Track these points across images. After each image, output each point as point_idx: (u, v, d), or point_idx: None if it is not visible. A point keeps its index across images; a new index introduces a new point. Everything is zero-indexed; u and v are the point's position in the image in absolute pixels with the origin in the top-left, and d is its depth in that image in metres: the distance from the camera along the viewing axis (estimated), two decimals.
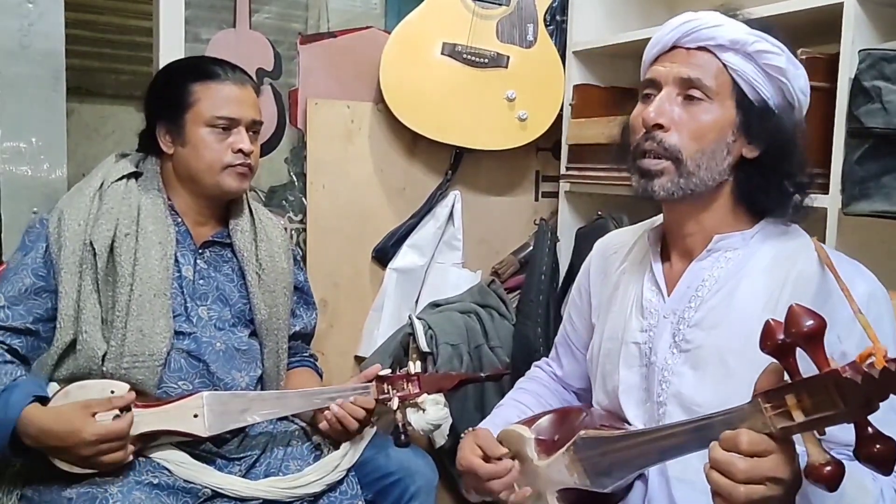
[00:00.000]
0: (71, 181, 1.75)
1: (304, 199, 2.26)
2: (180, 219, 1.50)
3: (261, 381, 1.52)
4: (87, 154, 2.45)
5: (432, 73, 2.17)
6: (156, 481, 1.32)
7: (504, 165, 2.37)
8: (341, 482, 1.45)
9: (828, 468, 0.78)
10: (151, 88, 1.54)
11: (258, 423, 1.47)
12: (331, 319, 2.18)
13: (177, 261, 1.46)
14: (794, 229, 1.17)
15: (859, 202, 1.45)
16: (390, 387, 1.48)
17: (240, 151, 1.46)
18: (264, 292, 1.52)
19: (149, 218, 1.43)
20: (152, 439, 1.36)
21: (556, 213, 2.35)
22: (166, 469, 1.34)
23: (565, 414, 1.29)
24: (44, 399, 1.30)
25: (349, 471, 1.47)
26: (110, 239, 1.39)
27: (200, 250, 1.51)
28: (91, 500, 1.27)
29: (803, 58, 1.54)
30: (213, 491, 1.35)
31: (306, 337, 1.71)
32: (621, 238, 1.36)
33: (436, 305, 2.20)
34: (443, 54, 2.16)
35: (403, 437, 1.48)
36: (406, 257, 2.23)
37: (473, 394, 2.06)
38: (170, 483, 1.33)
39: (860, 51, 1.46)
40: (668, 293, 1.19)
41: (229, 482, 1.37)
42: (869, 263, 1.12)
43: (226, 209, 1.55)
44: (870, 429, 0.76)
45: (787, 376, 0.82)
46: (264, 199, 2.28)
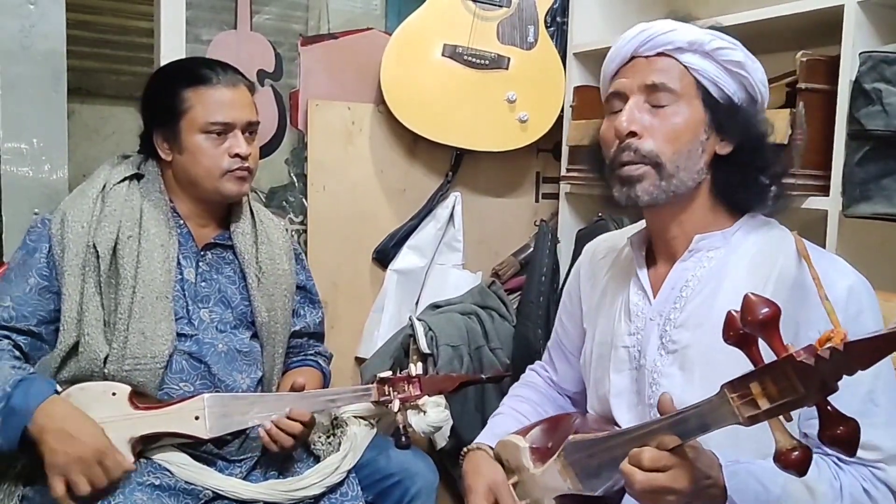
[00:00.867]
0: (72, 182, 1.75)
1: (304, 200, 2.26)
2: (182, 221, 1.49)
3: (261, 383, 1.52)
4: (88, 155, 2.45)
5: (433, 75, 2.17)
6: (157, 483, 1.32)
7: (504, 167, 2.37)
8: (341, 484, 1.45)
9: (795, 453, 0.80)
10: (145, 95, 1.54)
11: (259, 426, 1.47)
12: (331, 321, 2.18)
13: (179, 263, 1.46)
14: (774, 224, 1.18)
15: (860, 204, 1.45)
16: (391, 389, 1.48)
17: (237, 156, 1.45)
18: (263, 295, 1.52)
19: (151, 220, 1.43)
20: (153, 441, 1.36)
21: (556, 215, 2.36)
22: (167, 470, 1.34)
23: (558, 421, 1.30)
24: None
25: (349, 472, 1.47)
26: (113, 241, 1.39)
27: (202, 252, 1.50)
28: (91, 502, 1.27)
29: (804, 60, 1.55)
30: (213, 493, 1.35)
31: (313, 335, 1.70)
32: (609, 243, 1.37)
33: (436, 307, 2.20)
34: (443, 56, 2.17)
35: (404, 438, 1.49)
36: (406, 258, 2.23)
37: (474, 395, 2.06)
38: (171, 484, 1.33)
39: (861, 53, 1.46)
40: (654, 296, 1.19)
41: (230, 484, 1.37)
42: (869, 265, 1.12)
43: (227, 211, 1.55)
44: (830, 408, 0.77)
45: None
46: (265, 200, 2.29)
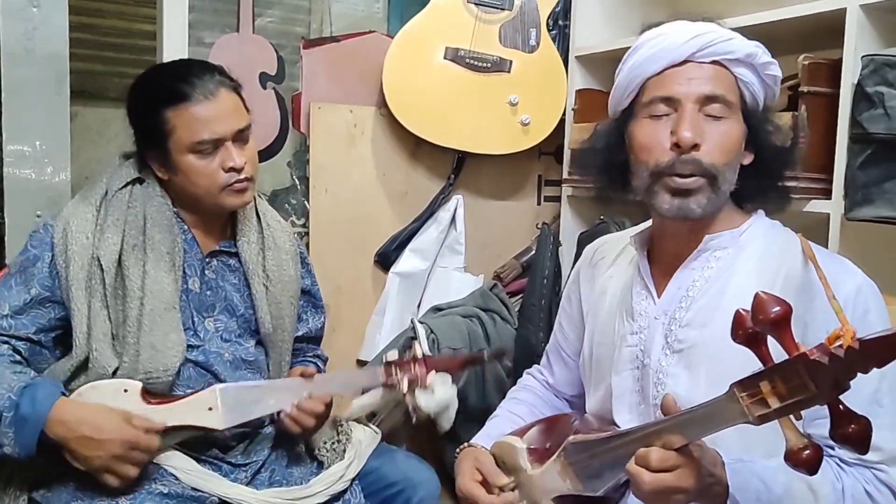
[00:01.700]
0: (74, 185, 1.76)
1: (306, 202, 2.26)
2: (187, 227, 1.46)
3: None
4: (91, 157, 2.45)
5: (435, 78, 2.17)
6: (165, 490, 1.31)
7: (506, 170, 2.37)
8: (345, 491, 1.45)
9: (806, 452, 0.80)
10: (129, 115, 1.46)
11: (264, 430, 1.47)
12: (333, 323, 2.18)
13: (184, 273, 1.43)
14: (780, 226, 1.18)
15: (862, 207, 1.45)
16: (398, 370, 1.47)
17: (231, 169, 1.39)
18: (271, 304, 1.50)
19: (155, 227, 1.40)
20: (169, 437, 1.34)
21: (558, 218, 2.36)
22: (174, 476, 1.33)
23: (555, 421, 1.29)
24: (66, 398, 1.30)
25: (353, 481, 1.47)
26: (117, 252, 1.36)
27: (207, 259, 1.47)
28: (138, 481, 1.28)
29: (806, 63, 1.55)
30: (220, 500, 1.34)
31: (312, 339, 1.70)
32: (608, 244, 1.36)
33: (438, 309, 2.20)
34: (445, 59, 2.17)
35: (415, 419, 1.49)
36: (408, 261, 2.23)
37: (475, 398, 2.06)
38: (178, 492, 1.32)
39: (863, 56, 1.46)
40: (658, 295, 1.19)
41: (236, 491, 1.36)
42: (871, 269, 1.12)
43: (233, 216, 1.51)
44: (842, 407, 0.77)
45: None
46: (266, 202, 2.29)
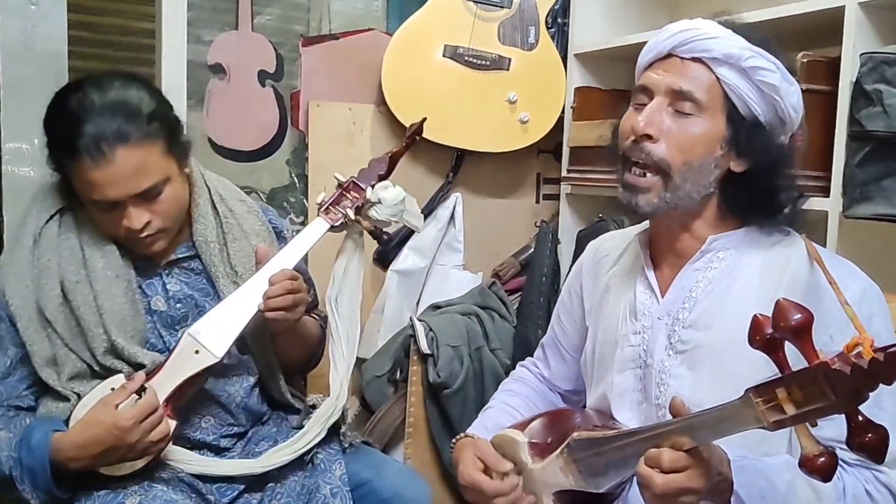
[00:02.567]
0: None
1: (305, 200, 2.26)
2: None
3: (258, 387, 1.48)
4: None
5: (434, 76, 2.17)
6: (167, 476, 1.31)
7: (505, 168, 2.37)
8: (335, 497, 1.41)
9: (821, 459, 0.80)
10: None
11: (257, 430, 1.47)
12: None
13: (144, 293, 1.37)
14: (784, 227, 1.17)
15: (860, 205, 1.46)
16: (336, 208, 1.43)
17: (128, 229, 1.29)
18: None
19: (96, 254, 1.31)
20: (181, 403, 1.33)
21: (557, 216, 2.36)
22: (174, 468, 1.33)
23: (557, 416, 1.29)
24: (60, 431, 1.27)
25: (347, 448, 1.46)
26: (59, 298, 1.29)
27: (167, 271, 1.40)
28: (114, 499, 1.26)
29: (804, 61, 1.55)
30: (226, 478, 1.35)
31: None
32: (613, 241, 1.36)
33: (437, 307, 2.20)
34: (444, 56, 2.17)
35: (385, 236, 1.46)
36: (407, 259, 2.23)
37: (474, 395, 2.06)
38: (182, 478, 1.32)
39: (861, 54, 1.46)
40: (662, 295, 1.19)
41: (239, 466, 1.36)
42: (870, 266, 1.12)
43: (187, 216, 1.41)
44: (860, 418, 0.77)
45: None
46: (265, 200, 2.29)
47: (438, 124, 2.17)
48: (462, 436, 1.34)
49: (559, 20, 2.31)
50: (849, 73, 1.48)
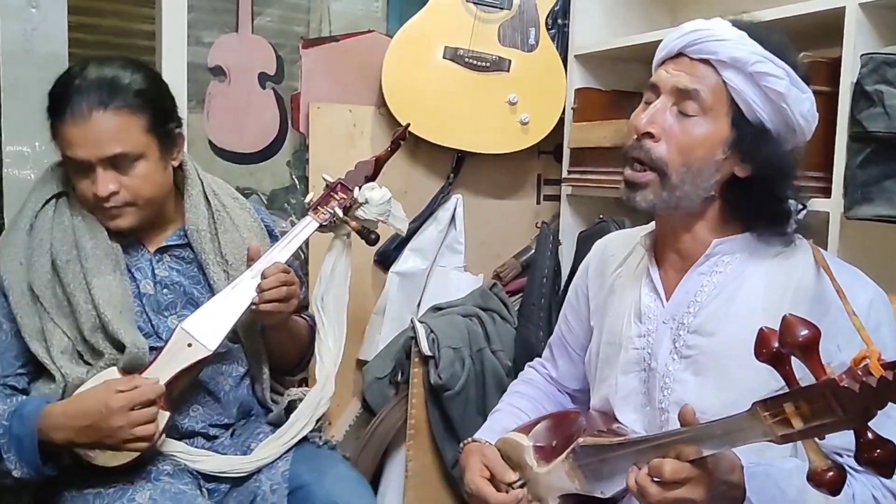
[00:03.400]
0: None
1: (305, 202, 2.26)
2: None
3: (248, 377, 1.49)
4: None
5: (434, 77, 2.17)
6: (170, 469, 1.33)
7: (506, 169, 2.37)
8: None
9: (830, 473, 0.79)
10: None
11: (247, 425, 1.48)
12: None
13: (133, 277, 1.40)
14: (786, 237, 1.16)
15: (861, 206, 1.45)
16: (324, 208, 1.48)
17: (95, 196, 1.32)
18: None
19: (85, 236, 1.35)
20: (173, 395, 1.34)
21: (557, 217, 2.35)
22: (173, 459, 1.35)
23: (561, 419, 1.29)
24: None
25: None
26: (48, 274, 1.33)
27: (157, 258, 1.44)
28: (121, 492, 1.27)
29: (805, 61, 1.54)
30: (215, 475, 1.37)
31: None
32: (619, 241, 1.36)
33: (438, 309, 2.20)
34: (444, 58, 2.17)
35: (373, 236, 1.51)
36: (408, 261, 2.23)
37: (475, 397, 2.06)
38: (182, 469, 1.34)
39: (862, 55, 1.46)
40: (667, 298, 1.19)
41: (230, 463, 1.37)
42: (871, 267, 1.12)
43: (179, 206, 1.47)
44: (870, 434, 0.77)
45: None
46: (266, 202, 2.29)
47: (439, 126, 2.18)
48: (470, 440, 1.33)
49: (559, 21, 2.31)
50: (849, 74, 1.48)
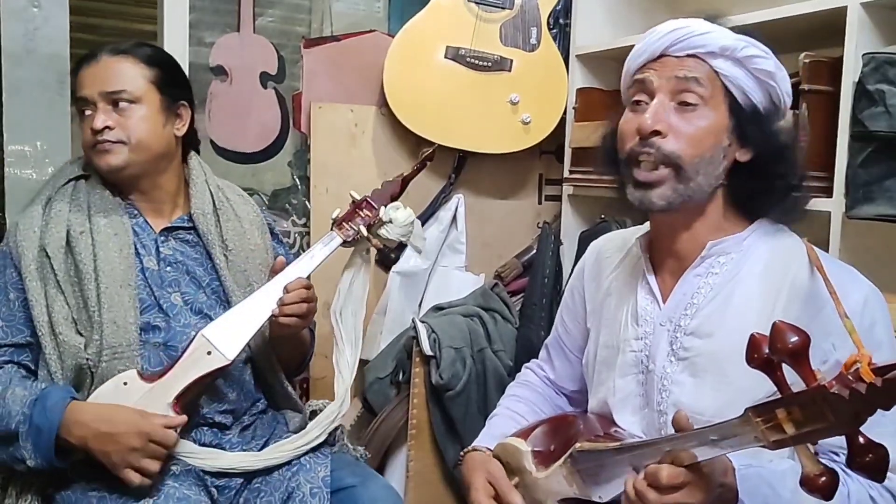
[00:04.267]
0: None
1: (307, 202, 2.27)
2: (137, 211, 1.49)
3: (250, 363, 1.51)
4: None
5: (436, 77, 2.17)
6: (177, 471, 1.34)
7: (507, 169, 2.37)
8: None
9: (822, 479, 0.79)
10: None
11: (249, 410, 1.49)
12: None
13: (137, 253, 1.45)
14: (785, 231, 1.17)
15: (863, 206, 1.45)
16: (349, 224, 1.49)
17: (93, 130, 1.41)
18: (235, 272, 1.50)
19: (99, 213, 1.43)
20: (188, 400, 1.36)
21: (559, 217, 2.35)
22: (181, 461, 1.35)
23: (559, 423, 1.29)
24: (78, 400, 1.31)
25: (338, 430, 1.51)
26: (63, 240, 1.40)
27: (163, 238, 1.49)
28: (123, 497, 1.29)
29: (807, 61, 1.55)
30: (225, 472, 1.37)
31: None
32: (614, 243, 1.36)
33: (439, 309, 2.20)
34: (446, 58, 2.17)
35: (393, 255, 1.50)
36: (409, 261, 2.23)
37: (476, 397, 2.06)
38: (188, 470, 1.35)
39: (864, 54, 1.45)
40: (664, 300, 1.19)
41: (239, 460, 1.38)
42: (872, 267, 1.12)
43: (186, 193, 1.54)
44: (861, 439, 0.77)
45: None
46: (267, 202, 2.29)
47: (440, 126, 2.18)
48: (471, 449, 1.33)
49: (561, 21, 2.31)
50: (851, 74, 1.48)
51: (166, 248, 1.49)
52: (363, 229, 1.48)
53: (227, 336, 1.37)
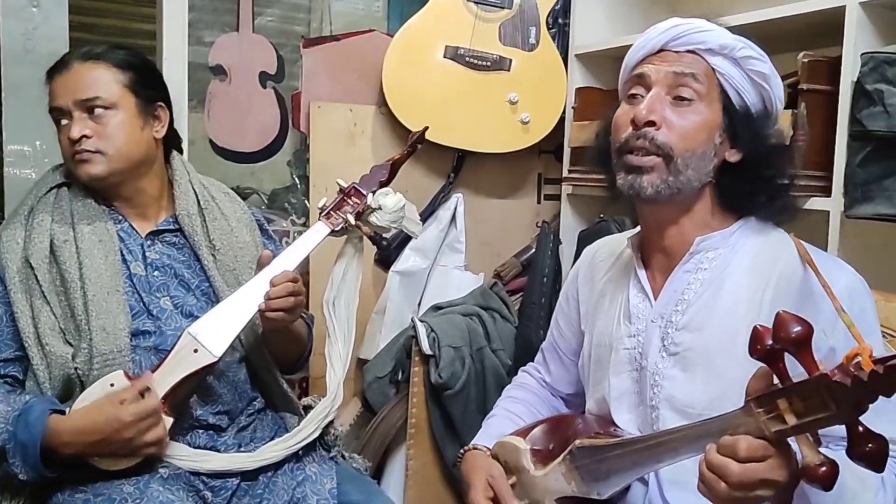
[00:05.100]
0: None
1: (306, 201, 2.27)
2: (121, 216, 1.47)
3: (246, 363, 1.49)
4: None
5: (435, 77, 2.17)
6: (166, 474, 1.32)
7: (506, 168, 2.37)
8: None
9: (823, 468, 0.80)
10: None
11: (245, 410, 1.48)
12: None
13: (124, 259, 1.43)
14: (772, 226, 1.17)
15: (861, 205, 1.45)
16: (337, 213, 1.45)
17: (69, 140, 1.39)
18: (224, 272, 1.48)
19: (83, 221, 1.42)
20: (178, 400, 1.35)
21: (558, 216, 2.36)
22: (171, 464, 1.34)
23: (558, 422, 1.29)
24: (60, 412, 1.29)
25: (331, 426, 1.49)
26: (46, 250, 1.38)
27: (149, 242, 1.47)
28: (108, 501, 1.27)
29: (805, 61, 1.55)
30: (218, 473, 1.36)
31: None
32: (608, 246, 1.37)
33: (438, 308, 2.20)
34: (445, 57, 2.17)
35: (384, 241, 1.47)
36: (409, 260, 2.23)
37: (475, 396, 2.06)
38: (178, 474, 1.33)
39: (862, 54, 1.46)
40: (655, 297, 1.19)
41: (231, 461, 1.37)
42: (871, 266, 1.12)
43: (171, 196, 1.51)
44: (861, 428, 0.77)
45: (777, 380, 0.83)
46: (267, 201, 2.29)
47: (439, 125, 2.17)
48: (470, 447, 1.34)
49: (560, 20, 2.31)
50: (850, 73, 1.48)
51: (153, 252, 1.47)
52: (351, 218, 1.44)
53: (214, 333, 1.34)
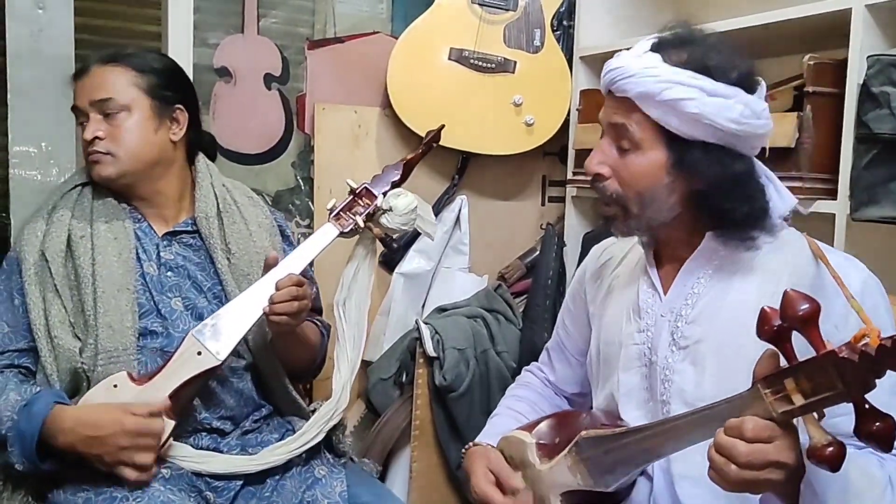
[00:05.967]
0: None
1: (311, 203, 2.27)
2: (140, 215, 1.48)
3: (253, 370, 1.49)
4: None
5: (439, 78, 2.17)
6: (168, 475, 1.32)
7: (511, 170, 2.37)
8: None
9: (829, 449, 0.80)
10: None
11: (251, 416, 1.47)
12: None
13: (138, 258, 1.44)
14: (782, 224, 1.16)
15: (867, 208, 1.45)
16: (347, 214, 1.43)
17: (85, 141, 1.43)
18: (237, 276, 1.47)
19: (101, 218, 1.44)
20: (181, 402, 1.34)
21: (562, 218, 2.36)
22: (174, 464, 1.34)
23: (565, 417, 1.30)
24: (66, 405, 1.30)
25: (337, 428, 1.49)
26: (63, 244, 1.40)
27: (166, 242, 1.48)
28: (110, 500, 1.27)
29: (811, 63, 1.55)
30: (220, 476, 1.36)
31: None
32: (616, 246, 1.36)
33: (442, 310, 2.20)
34: (450, 59, 2.17)
35: (395, 244, 1.45)
36: (413, 262, 2.23)
37: (480, 398, 2.06)
38: (181, 475, 1.33)
39: (868, 56, 1.46)
40: (664, 292, 1.19)
41: (234, 463, 1.37)
42: (877, 269, 1.12)
43: (192, 196, 1.52)
44: (867, 405, 0.78)
45: (784, 361, 0.84)
46: (271, 203, 2.29)
47: (444, 127, 2.18)
48: (473, 444, 1.34)
49: (564, 22, 2.31)
50: (856, 76, 1.48)
51: (168, 252, 1.47)
52: (360, 220, 1.42)
53: (218, 336, 1.34)
